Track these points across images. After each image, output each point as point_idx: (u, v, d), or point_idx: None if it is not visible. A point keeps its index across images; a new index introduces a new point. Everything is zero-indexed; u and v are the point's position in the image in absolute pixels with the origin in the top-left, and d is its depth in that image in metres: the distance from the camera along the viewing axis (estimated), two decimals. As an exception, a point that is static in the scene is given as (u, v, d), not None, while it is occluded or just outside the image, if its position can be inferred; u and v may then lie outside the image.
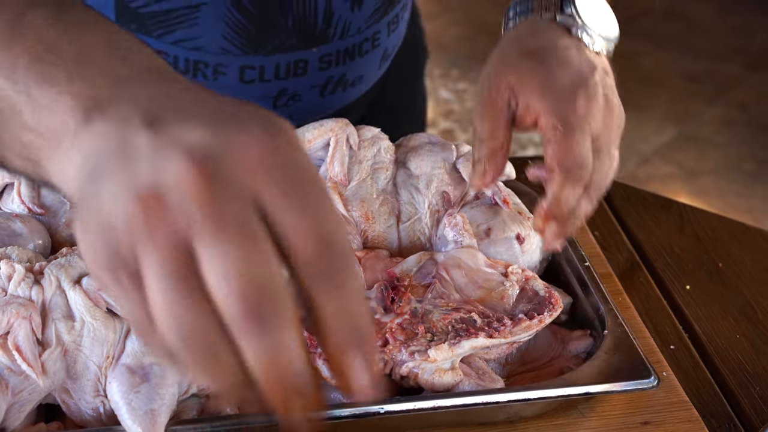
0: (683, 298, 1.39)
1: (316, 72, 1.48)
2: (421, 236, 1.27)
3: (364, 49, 1.52)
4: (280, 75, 1.45)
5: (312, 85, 1.49)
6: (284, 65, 1.45)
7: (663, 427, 1.11)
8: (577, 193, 1.13)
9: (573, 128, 1.11)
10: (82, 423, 1.03)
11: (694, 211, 1.58)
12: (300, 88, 1.49)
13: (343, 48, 1.48)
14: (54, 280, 1.03)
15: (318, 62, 1.47)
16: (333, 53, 1.47)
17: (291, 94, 1.49)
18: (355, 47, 1.50)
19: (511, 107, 1.16)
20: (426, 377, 1.07)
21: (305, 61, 1.46)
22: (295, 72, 1.46)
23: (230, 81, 1.44)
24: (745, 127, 4.43)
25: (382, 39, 1.54)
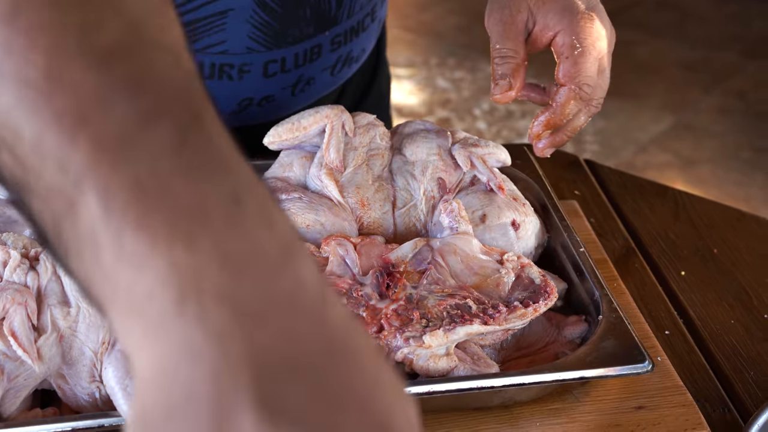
0: (678, 283, 1.39)
1: (328, 54, 1.49)
2: (416, 222, 1.27)
3: (366, 24, 1.54)
4: (299, 63, 1.46)
5: (324, 67, 1.50)
6: (302, 53, 1.45)
7: (657, 412, 1.11)
8: (579, 107, 1.22)
9: (589, 46, 1.20)
10: (77, 408, 1.03)
11: (689, 197, 1.59)
12: (314, 72, 1.50)
13: (350, 27, 1.49)
14: (49, 266, 1.03)
15: (330, 44, 1.48)
16: (342, 33, 1.49)
17: (307, 80, 1.49)
18: (359, 24, 1.52)
19: (528, 27, 1.24)
20: (421, 363, 1.08)
21: (319, 46, 1.46)
22: (311, 58, 1.47)
23: (254, 77, 1.45)
24: (743, 116, 4.43)
25: (377, 12, 1.57)
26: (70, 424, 0.98)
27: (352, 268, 1.16)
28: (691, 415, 1.11)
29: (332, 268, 1.16)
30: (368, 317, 1.10)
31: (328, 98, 1.56)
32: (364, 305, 1.11)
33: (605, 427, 1.09)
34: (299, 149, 1.32)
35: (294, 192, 1.26)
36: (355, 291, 1.13)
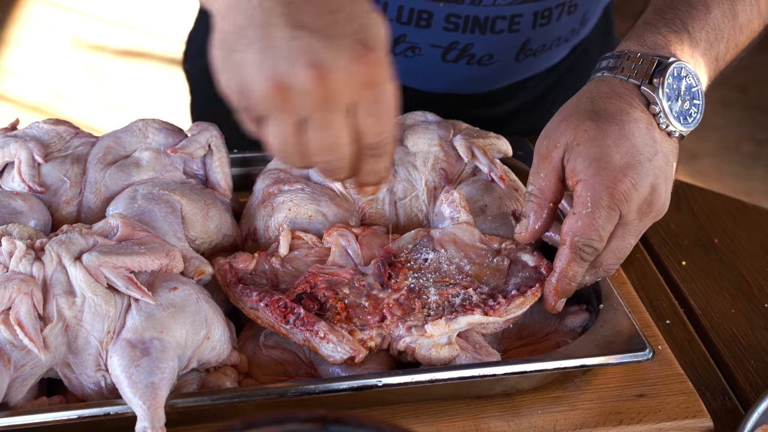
0: (679, 273, 1.40)
1: (440, 30, 1.45)
2: (418, 213, 1.28)
3: (498, 27, 1.47)
4: (402, 19, 1.43)
5: (433, 43, 1.46)
6: (407, 10, 1.42)
7: (658, 399, 1.12)
8: (583, 269, 1.13)
9: (601, 208, 1.09)
10: (83, 397, 1.04)
11: (690, 187, 1.59)
12: (420, 41, 1.46)
13: (473, 15, 1.44)
14: (55, 256, 1.04)
15: (443, 21, 1.44)
16: (461, 16, 1.43)
17: (410, 44, 1.47)
18: (488, 20, 1.45)
19: (563, 164, 1.14)
20: (423, 352, 1.08)
21: (429, 14, 1.43)
22: (418, 22, 1.44)
23: None
24: (745, 109, 4.43)
25: (522, 27, 1.48)
26: (76, 413, 0.99)
27: (354, 258, 1.17)
28: (692, 403, 1.12)
29: (334, 259, 1.17)
30: (370, 307, 1.11)
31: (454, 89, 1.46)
32: (366, 295, 1.12)
33: (606, 415, 1.10)
34: (302, 141, 1.32)
35: (297, 183, 1.26)
36: (357, 281, 1.13)
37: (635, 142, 1.11)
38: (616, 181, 1.09)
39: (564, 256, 1.12)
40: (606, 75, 1.17)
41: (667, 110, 1.14)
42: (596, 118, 1.12)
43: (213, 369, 1.09)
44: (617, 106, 1.13)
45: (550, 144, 1.14)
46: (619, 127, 1.11)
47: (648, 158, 1.11)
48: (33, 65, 4.21)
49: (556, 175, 1.14)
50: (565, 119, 1.14)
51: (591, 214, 1.09)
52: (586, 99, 1.15)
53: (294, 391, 1.04)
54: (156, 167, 1.27)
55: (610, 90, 1.15)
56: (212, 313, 1.08)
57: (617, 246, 1.12)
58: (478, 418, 1.09)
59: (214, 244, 1.24)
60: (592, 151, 1.10)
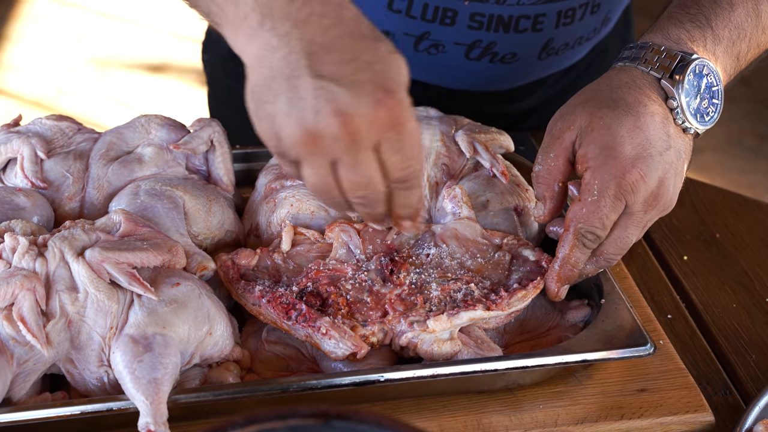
0: (681, 268, 1.40)
1: (464, 28, 1.45)
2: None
3: (522, 26, 1.47)
4: (427, 17, 1.44)
5: (457, 41, 1.47)
6: (432, 8, 1.43)
7: (659, 394, 1.12)
8: (585, 256, 1.14)
9: (606, 197, 1.10)
10: (86, 392, 1.04)
11: (692, 182, 1.59)
12: (444, 38, 1.47)
13: (498, 14, 1.45)
14: (57, 252, 1.05)
15: (468, 19, 1.44)
16: (486, 15, 1.44)
17: (434, 42, 1.47)
18: (512, 19, 1.46)
19: (575, 147, 1.15)
20: (425, 347, 1.09)
21: (454, 12, 1.43)
22: (443, 20, 1.44)
23: (378, 3, 1.44)
24: (748, 102, 4.42)
25: (546, 26, 1.49)
26: (79, 408, 1.00)
27: (356, 254, 1.17)
28: (693, 398, 1.12)
29: (336, 254, 1.17)
30: (372, 302, 1.11)
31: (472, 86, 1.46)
32: (368, 290, 1.12)
33: (608, 410, 1.10)
34: (304, 136, 1.33)
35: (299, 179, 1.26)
36: (359, 277, 1.14)
37: (648, 134, 1.11)
38: (624, 172, 1.10)
39: (567, 242, 1.13)
40: (627, 65, 1.18)
41: (684, 106, 1.14)
42: (613, 107, 1.13)
43: (215, 364, 1.09)
44: (635, 97, 1.14)
45: (564, 125, 1.15)
46: (634, 118, 1.12)
47: (659, 152, 1.11)
48: (36, 60, 4.21)
49: (566, 156, 1.15)
50: (582, 103, 1.15)
51: (596, 201, 1.10)
52: (606, 86, 1.16)
53: (296, 386, 1.04)
54: (158, 163, 1.27)
55: (630, 80, 1.16)
56: (215, 308, 1.08)
57: (619, 235, 1.13)
58: (480, 413, 1.10)
59: (217, 240, 1.24)
60: (605, 138, 1.11)
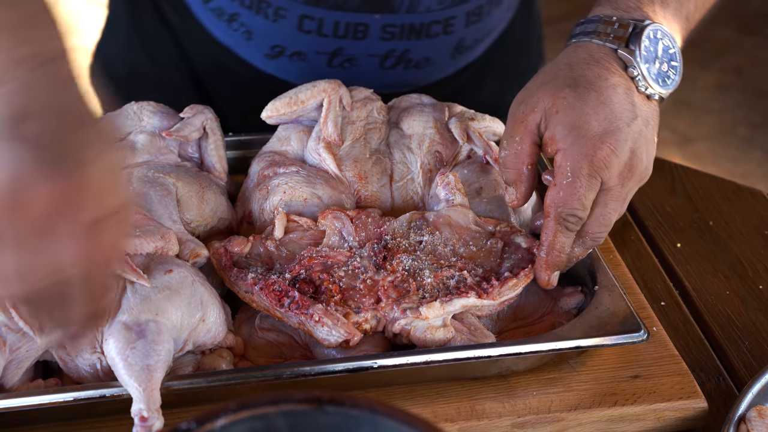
0: (674, 255, 1.40)
1: (376, 40, 1.46)
2: (414, 196, 1.28)
3: (433, 31, 1.48)
4: (339, 33, 1.44)
5: (371, 53, 1.47)
6: (344, 24, 1.43)
7: (653, 381, 1.12)
8: (570, 240, 1.14)
9: (581, 177, 1.09)
10: (79, 379, 1.04)
11: (685, 170, 1.59)
12: (357, 52, 1.47)
13: (409, 23, 1.45)
14: (50, 239, 1.04)
15: (380, 31, 1.45)
16: (397, 25, 1.44)
17: (348, 56, 1.48)
18: (423, 26, 1.46)
19: (540, 130, 1.14)
20: (418, 334, 1.09)
21: (366, 26, 1.44)
22: (355, 34, 1.44)
23: (288, 26, 1.45)
24: (740, 92, 4.43)
25: (456, 27, 1.49)
26: (72, 395, 1.00)
27: (349, 241, 1.17)
28: (686, 384, 1.12)
29: (329, 241, 1.17)
30: (365, 289, 1.11)
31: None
32: (361, 278, 1.12)
33: (601, 396, 1.10)
34: (297, 123, 1.33)
35: (292, 166, 1.26)
36: (352, 264, 1.13)
37: (613, 107, 1.11)
38: (594, 149, 1.09)
39: (550, 229, 1.13)
40: (582, 40, 1.18)
41: (645, 73, 1.14)
42: (575, 85, 1.13)
43: (208, 351, 1.09)
44: (595, 72, 1.14)
45: (527, 109, 1.14)
46: (597, 94, 1.12)
47: (627, 123, 1.11)
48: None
49: (531, 139, 1.15)
50: (543, 85, 1.15)
51: (572, 183, 1.10)
52: (564, 65, 1.16)
53: (289, 372, 1.04)
54: (151, 150, 1.27)
55: (588, 55, 1.16)
56: (208, 295, 1.08)
57: (601, 213, 1.13)
58: (473, 400, 1.10)
59: (210, 227, 1.24)
60: (570, 118, 1.11)
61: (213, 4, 1.50)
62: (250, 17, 1.46)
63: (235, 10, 1.47)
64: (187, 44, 1.60)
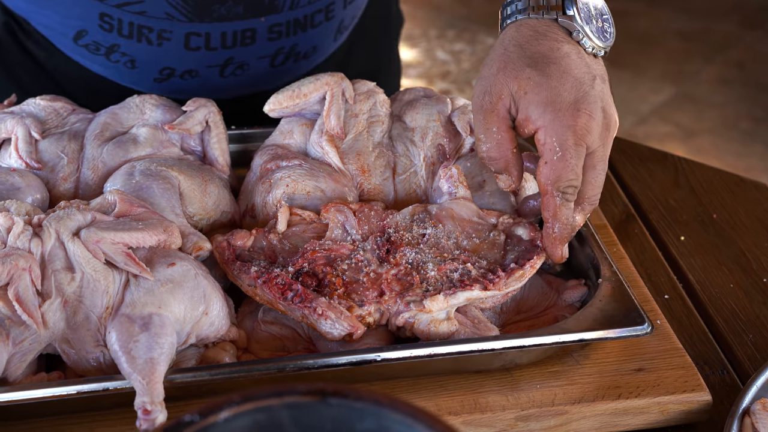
0: (677, 248, 1.40)
1: (265, 42, 1.45)
2: (417, 189, 1.28)
3: (317, 21, 1.48)
4: (227, 44, 1.43)
5: (261, 56, 1.47)
6: (231, 34, 1.42)
7: (656, 374, 1.12)
8: (571, 210, 1.15)
9: (569, 149, 1.11)
10: (82, 372, 1.04)
11: (688, 163, 1.59)
12: (248, 57, 1.46)
13: (294, 19, 1.45)
14: (53, 232, 1.04)
15: (267, 32, 1.44)
16: (283, 23, 1.44)
17: (239, 63, 1.47)
18: (307, 18, 1.46)
19: (511, 114, 1.16)
20: (422, 327, 1.08)
21: (253, 31, 1.43)
22: (243, 41, 1.43)
23: (175, 47, 1.42)
24: (743, 86, 4.42)
25: (336, 11, 1.50)
26: (75, 388, 0.99)
27: (352, 234, 1.17)
28: (690, 377, 1.12)
29: (332, 235, 1.17)
30: (369, 283, 1.11)
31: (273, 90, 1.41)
32: (364, 271, 1.12)
33: (605, 389, 1.10)
34: (300, 116, 1.32)
35: (294, 159, 1.26)
36: (356, 257, 1.13)
37: (575, 74, 1.14)
38: (574, 119, 1.12)
39: (551, 205, 1.14)
40: (520, 18, 1.19)
41: (590, 34, 1.17)
42: (533, 64, 1.14)
43: (211, 344, 1.09)
44: (546, 45, 1.16)
45: (494, 98, 1.15)
46: (556, 66, 1.14)
47: (590, 85, 1.14)
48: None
49: (507, 124, 1.16)
50: (500, 71, 1.16)
51: (562, 157, 1.11)
52: (514, 47, 1.17)
53: (293, 365, 1.04)
54: (153, 143, 1.27)
55: (533, 31, 1.17)
56: (211, 288, 1.07)
57: (592, 176, 1.15)
58: (476, 393, 1.09)
59: (213, 221, 1.24)
60: (540, 96, 1.13)
61: (84, 40, 1.44)
62: (131, 46, 1.42)
63: (114, 42, 1.42)
64: (59, 78, 1.54)
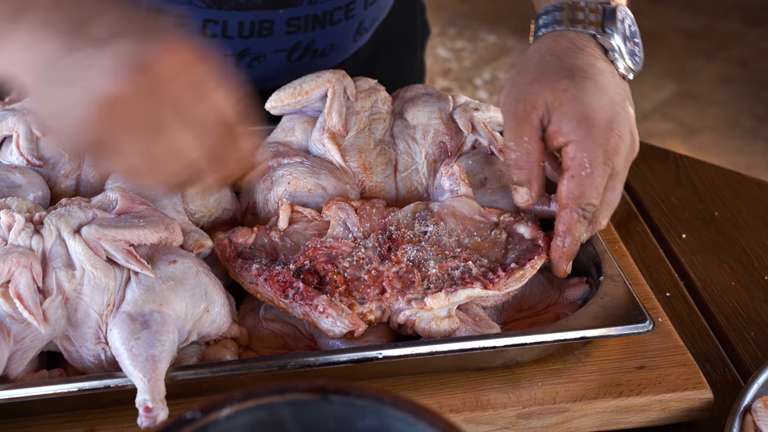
0: (679, 246, 1.40)
1: (282, 35, 1.45)
2: (418, 186, 1.28)
3: (336, 18, 1.48)
4: (244, 33, 1.43)
5: (277, 49, 1.47)
6: (248, 24, 1.42)
7: (658, 371, 1.12)
8: (584, 228, 1.15)
9: (598, 167, 1.10)
10: (83, 370, 1.04)
11: (690, 161, 1.59)
12: (264, 49, 1.47)
13: (312, 14, 1.45)
14: (54, 229, 1.04)
15: (285, 25, 1.44)
16: (301, 17, 1.44)
17: (255, 55, 1.47)
18: (326, 15, 1.46)
19: (543, 124, 1.14)
20: (423, 325, 1.08)
21: (270, 22, 1.43)
22: (260, 32, 1.43)
23: (192, 33, 1.40)
24: (745, 84, 4.42)
25: (357, 10, 1.50)
26: (76, 385, 0.99)
27: (353, 231, 1.17)
28: (692, 375, 1.12)
29: (333, 232, 1.17)
30: (370, 280, 1.11)
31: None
32: (365, 268, 1.12)
33: (607, 387, 1.10)
34: (301, 114, 1.32)
35: (296, 156, 1.26)
36: (357, 254, 1.13)
37: (609, 93, 1.13)
38: (606, 137, 1.11)
39: (567, 219, 1.13)
40: (558, 29, 1.18)
41: (625, 55, 1.17)
42: (571, 76, 1.13)
43: (213, 342, 1.09)
44: (584, 60, 1.15)
45: (528, 106, 1.14)
46: (593, 82, 1.13)
47: (622, 106, 1.13)
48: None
49: (538, 135, 1.15)
50: (537, 80, 1.15)
51: (591, 174, 1.10)
52: (551, 57, 1.16)
53: (294, 363, 1.04)
54: (155, 141, 1.26)
55: (571, 44, 1.17)
56: (212, 286, 1.07)
57: (610, 197, 1.15)
58: (478, 390, 1.09)
59: (214, 218, 1.24)
60: (576, 110, 1.12)
61: None
62: None
63: None
64: None
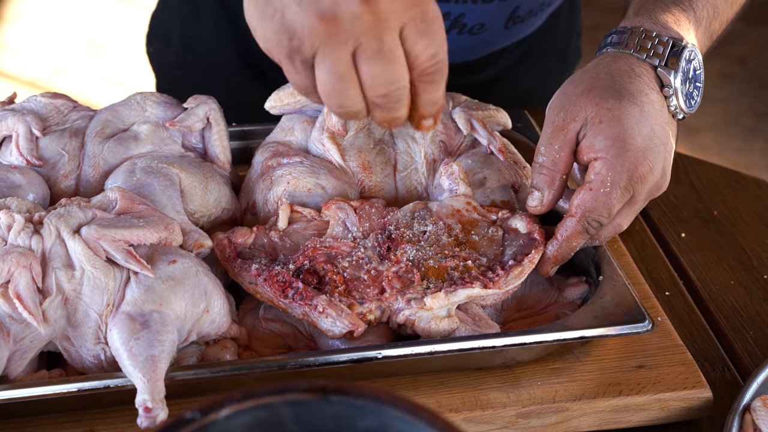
0: (678, 245, 1.40)
1: None
2: (417, 186, 1.28)
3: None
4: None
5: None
6: None
7: (657, 371, 1.12)
8: (584, 241, 1.15)
9: (618, 188, 1.10)
10: (83, 370, 1.04)
11: (690, 160, 1.59)
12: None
13: None
14: (53, 229, 1.04)
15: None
16: None
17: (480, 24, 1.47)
18: None
19: (578, 138, 1.14)
20: (423, 325, 1.08)
21: None
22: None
23: None
24: (744, 81, 4.42)
25: None
26: (76, 385, 1.00)
27: (352, 231, 1.17)
28: (691, 374, 1.12)
29: (333, 232, 1.17)
30: (369, 280, 1.11)
31: None
32: (365, 268, 1.12)
33: (606, 386, 1.10)
34: (301, 114, 1.32)
35: (295, 156, 1.26)
36: (356, 254, 1.13)
37: (653, 124, 1.12)
38: (636, 164, 1.10)
39: (570, 228, 1.13)
40: (622, 51, 1.17)
41: (680, 93, 1.15)
42: (619, 97, 1.13)
43: (213, 342, 1.09)
44: (637, 86, 1.14)
45: (568, 117, 1.14)
46: (639, 108, 1.12)
47: (663, 142, 1.12)
48: (31, 41, 4.19)
49: (570, 148, 1.15)
50: (585, 93, 1.14)
51: (609, 193, 1.10)
52: (605, 74, 1.16)
53: (294, 363, 1.04)
54: (154, 140, 1.27)
55: (629, 68, 1.16)
56: (212, 286, 1.08)
57: (620, 222, 1.15)
58: (477, 390, 1.09)
59: (213, 218, 1.24)
60: (615, 130, 1.11)
61: None
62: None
63: None
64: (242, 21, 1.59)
